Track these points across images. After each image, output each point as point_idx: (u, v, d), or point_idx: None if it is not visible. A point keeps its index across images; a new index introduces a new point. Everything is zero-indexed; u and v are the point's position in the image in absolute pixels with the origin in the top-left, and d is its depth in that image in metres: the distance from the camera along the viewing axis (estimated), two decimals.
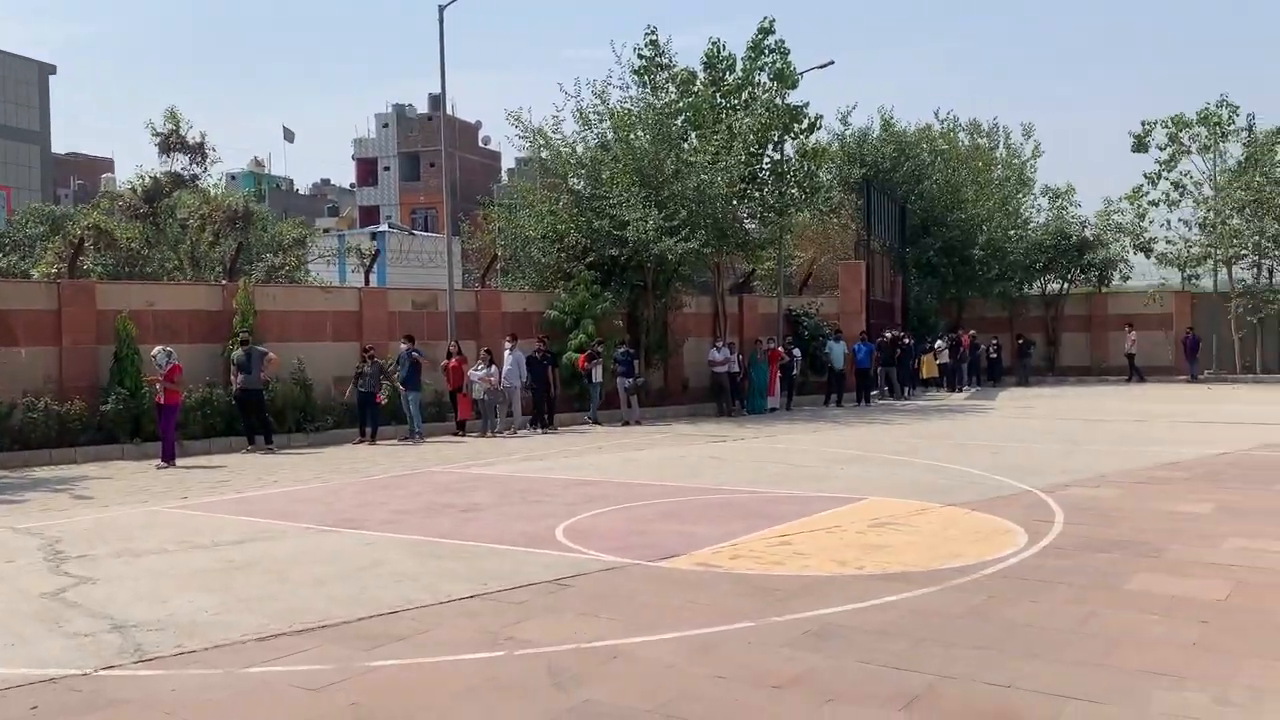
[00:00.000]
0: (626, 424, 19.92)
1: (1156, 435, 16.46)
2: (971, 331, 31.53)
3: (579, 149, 22.95)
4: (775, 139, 24.28)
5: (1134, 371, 31.50)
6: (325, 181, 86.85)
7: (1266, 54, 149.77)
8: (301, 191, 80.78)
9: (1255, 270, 32.50)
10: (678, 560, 7.74)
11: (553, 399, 19.60)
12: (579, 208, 22.21)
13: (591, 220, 21.64)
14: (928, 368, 28.74)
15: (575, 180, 22.96)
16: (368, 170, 69.07)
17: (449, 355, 18.78)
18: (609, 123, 22.52)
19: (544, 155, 23.16)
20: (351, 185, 73.91)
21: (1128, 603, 6.37)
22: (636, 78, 23.33)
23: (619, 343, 21.03)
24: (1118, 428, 17.79)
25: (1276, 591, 6.54)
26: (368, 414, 17.17)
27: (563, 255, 22.13)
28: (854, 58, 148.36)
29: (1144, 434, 16.72)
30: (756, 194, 24.06)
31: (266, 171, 73.11)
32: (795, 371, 23.86)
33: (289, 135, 76.39)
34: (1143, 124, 34.18)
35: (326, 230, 48.29)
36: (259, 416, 16.23)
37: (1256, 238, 31.37)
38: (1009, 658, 5.34)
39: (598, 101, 22.62)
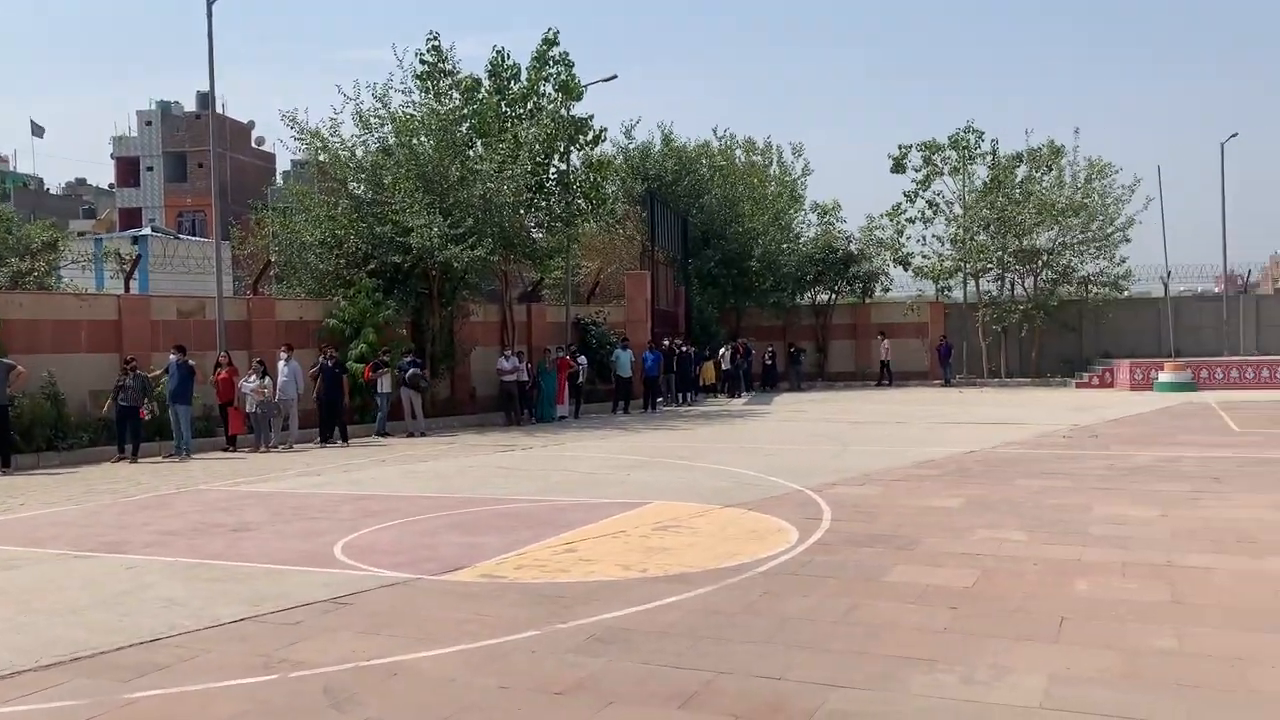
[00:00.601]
0: (411, 435, 19.51)
1: (914, 436, 17.68)
2: (745, 340, 32.90)
3: (359, 153, 22.34)
4: (561, 150, 24.48)
5: (886, 375, 33.86)
6: (81, 181, 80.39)
7: (1010, 85, 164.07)
8: (53, 191, 74.47)
9: (999, 283, 35.47)
10: (462, 573, 7.66)
11: (346, 411, 18.96)
12: (359, 213, 21.62)
13: (373, 226, 21.10)
14: (708, 374, 29.71)
15: (355, 185, 22.34)
16: (129, 170, 64.40)
17: (218, 366, 17.80)
18: (390, 127, 22.05)
19: (322, 158, 22.39)
20: (111, 186, 68.74)
21: (888, 593, 6.81)
22: (419, 82, 22.97)
23: (404, 351, 20.58)
24: (881, 429, 18.99)
25: (1016, 578, 7.16)
26: (128, 429, 16.04)
27: (342, 262, 21.46)
28: (638, 73, 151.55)
29: (903, 435, 17.91)
30: (543, 203, 24.18)
31: (11, 169, 66.89)
32: (581, 379, 24.09)
33: (38, 130, 69.97)
34: (899, 147, 36.65)
35: (82, 233, 44.79)
36: (2, 435, 14.87)
37: (1000, 253, 34.29)
38: (781, 650, 5.60)
39: (379, 105, 22.13)
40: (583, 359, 24.41)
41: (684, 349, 28.12)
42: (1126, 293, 35.35)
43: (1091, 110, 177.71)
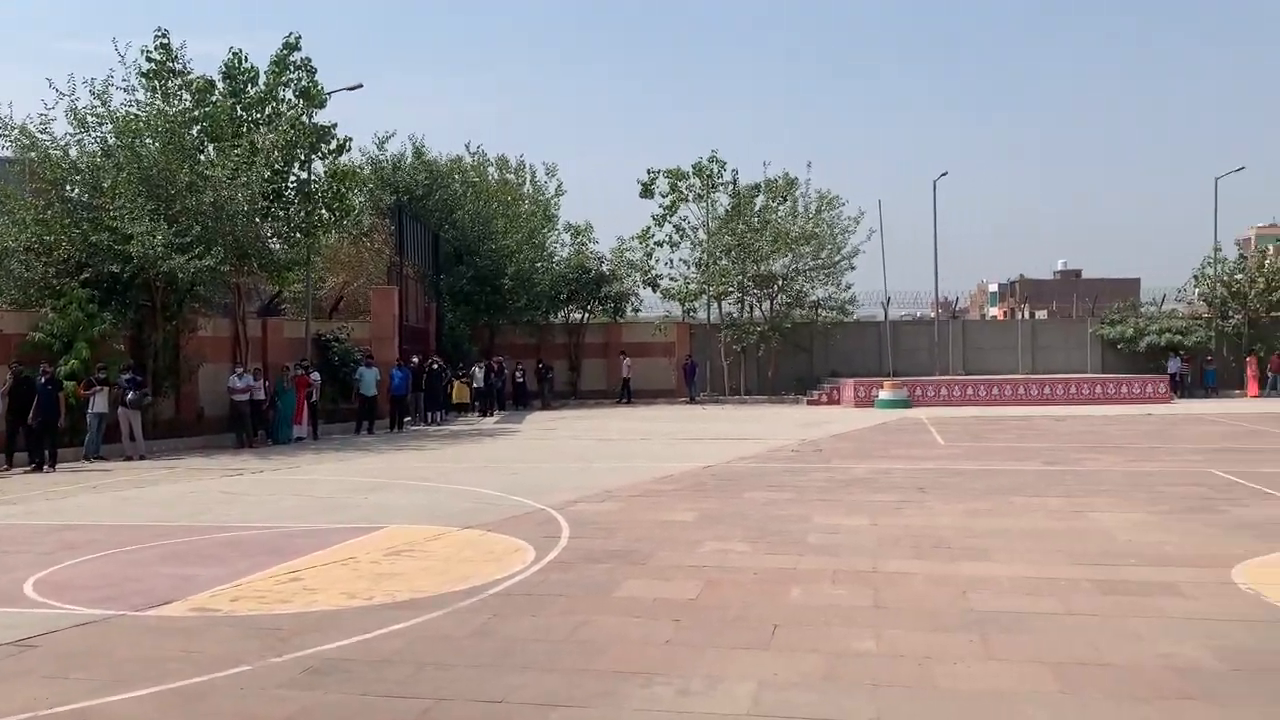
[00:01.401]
0: (129, 459, 18.05)
1: (656, 452, 18.18)
2: (500, 358, 32.79)
3: (73, 152, 20.54)
4: (302, 157, 23.52)
5: (626, 394, 34.75)
6: None
7: (751, 117, 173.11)
8: None
9: (740, 305, 37.24)
10: (171, 607, 7.13)
11: (58, 432, 17.29)
12: (72, 217, 19.85)
13: (88, 233, 19.45)
14: (460, 393, 29.34)
15: (70, 187, 20.49)
16: None
17: None
18: (110, 127, 20.43)
19: (31, 156, 20.38)
20: None
21: (616, 609, 6.93)
22: (145, 81, 21.44)
23: (123, 368, 19.01)
24: (625, 446, 19.39)
25: (737, 588, 7.47)
26: None
27: (51, 270, 19.62)
28: (395, 85, 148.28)
29: (647, 451, 18.38)
30: (282, 213, 23.14)
31: None
32: (316, 398, 23.00)
33: None
34: (648, 172, 37.84)
35: None
36: None
37: (740, 277, 36.02)
38: (505, 672, 5.56)
39: (97, 103, 20.44)
40: (316, 375, 23.26)
41: (435, 366, 27.63)
42: (853, 316, 38.00)
43: (823, 146, 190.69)
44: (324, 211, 24.13)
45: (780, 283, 36.32)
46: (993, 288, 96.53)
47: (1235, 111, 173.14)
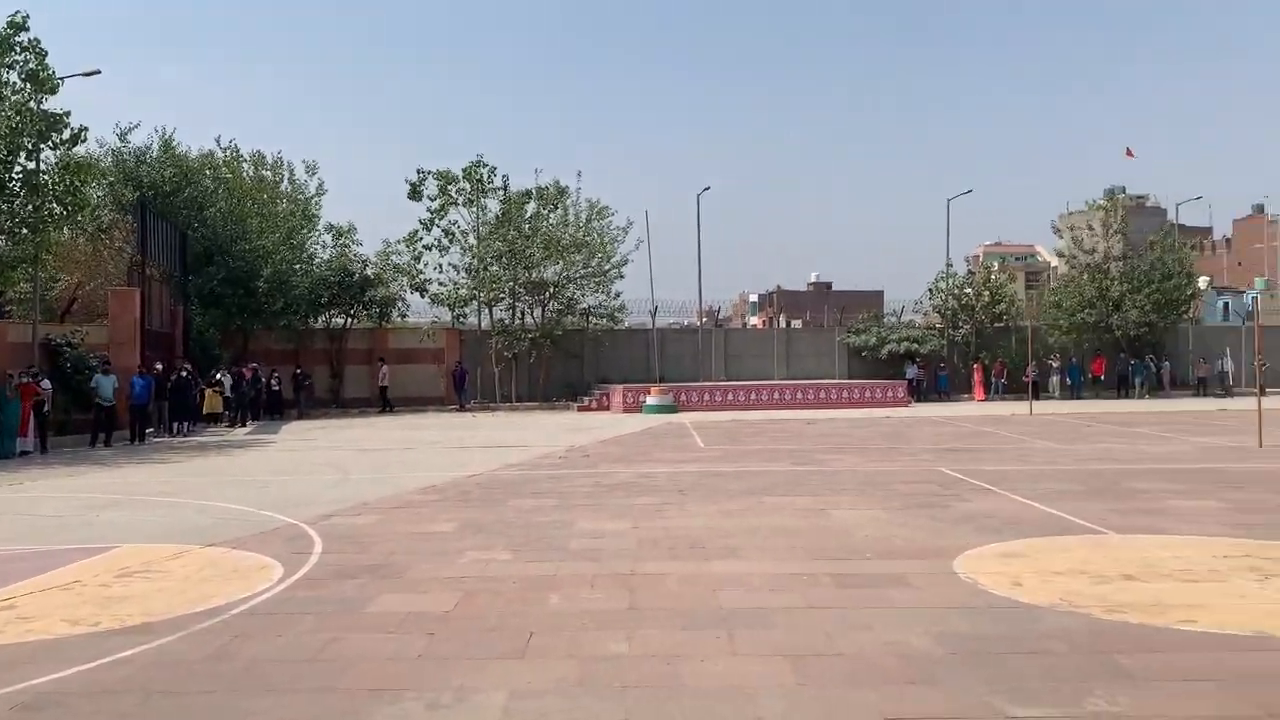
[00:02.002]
0: None
1: (420, 461, 17.81)
2: (252, 364, 31.17)
3: None
4: (29, 146, 21.52)
5: (385, 402, 33.98)
6: None
7: (516, 123, 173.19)
8: None
9: (511, 312, 37.12)
10: None
11: None
12: None
13: None
14: (212, 403, 27.65)
15: None
16: None
17: None
18: None
19: None
20: None
21: (368, 624, 6.72)
22: None
23: None
24: (387, 456, 18.89)
25: (495, 598, 7.42)
26: None
27: None
28: (140, 74, 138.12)
29: (410, 460, 17.97)
30: (6, 206, 21.07)
31: None
32: (48, 408, 21.06)
33: None
34: (418, 173, 37.07)
35: None
36: None
37: (511, 284, 35.92)
38: (245, 696, 5.28)
39: None
40: (46, 384, 21.33)
41: (183, 374, 25.91)
42: (623, 324, 38.70)
43: (592, 155, 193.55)
44: (55, 206, 22.15)
45: (552, 290, 36.49)
46: (753, 298, 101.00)
47: (968, 138, 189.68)
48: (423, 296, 36.83)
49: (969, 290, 40.40)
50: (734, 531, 10.02)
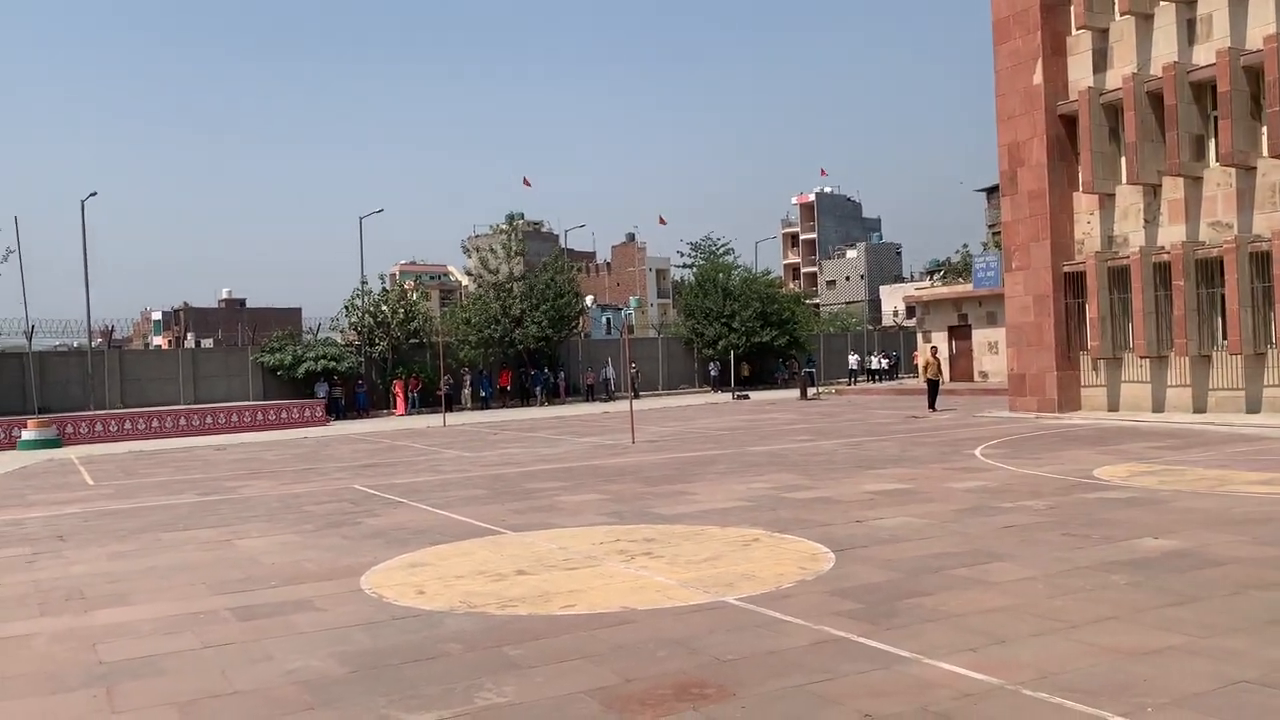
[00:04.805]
0: None
1: None
2: None
3: None
4: None
5: None
6: None
7: None
8: None
9: None
10: None
11: None
12: None
13: None
14: None
15: None
16: None
17: None
18: None
19: None
20: None
21: None
22: None
23: None
24: None
25: None
26: None
27: None
28: None
29: None
30: None
31: None
32: None
33: None
34: None
35: None
36: None
37: None
38: None
39: None
40: None
41: None
42: None
43: None
44: None
45: None
46: (157, 315, 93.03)
47: (383, 156, 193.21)
48: None
49: (385, 308, 41.11)
50: (124, 575, 9.07)
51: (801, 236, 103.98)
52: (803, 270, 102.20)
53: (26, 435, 28.15)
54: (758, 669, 5.52)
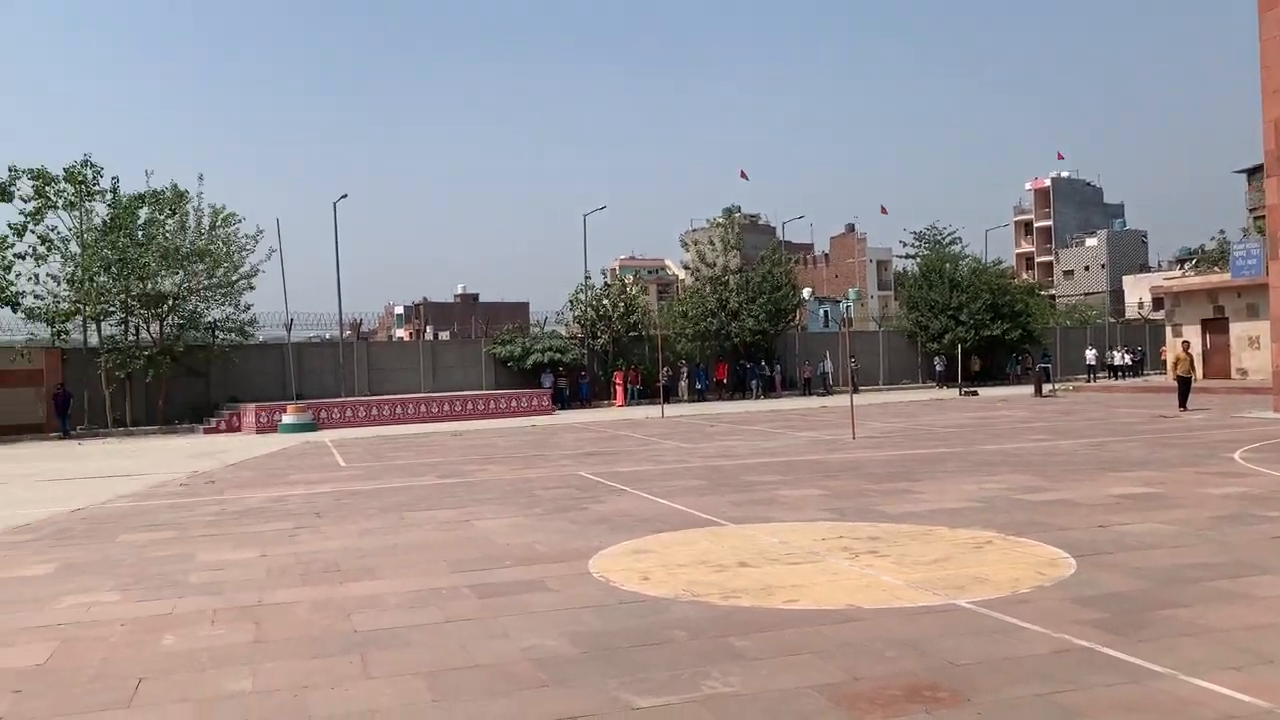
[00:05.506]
0: None
1: (13, 497, 15.73)
2: None
3: None
4: None
5: None
6: None
7: (129, 117, 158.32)
8: None
9: (124, 326, 33.79)
10: None
11: None
12: None
13: None
14: None
15: None
16: None
17: None
18: None
19: None
20: None
21: None
22: None
23: None
24: None
25: (98, 644, 6.68)
26: None
27: None
28: None
29: None
30: None
31: None
32: None
33: None
34: (9, 170, 32.80)
35: None
36: None
37: (123, 296, 32.68)
38: None
39: None
40: None
41: None
42: (255, 339, 36.49)
43: (214, 160, 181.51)
44: None
45: (171, 302, 33.65)
46: (399, 310, 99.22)
47: (603, 154, 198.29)
48: (15, 311, 32.58)
49: (606, 302, 42.18)
50: (372, 551, 9.74)
51: (1036, 224, 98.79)
52: (1037, 260, 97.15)
53: (286, 419, 30.73)
54: (993, 675, 5.29)
